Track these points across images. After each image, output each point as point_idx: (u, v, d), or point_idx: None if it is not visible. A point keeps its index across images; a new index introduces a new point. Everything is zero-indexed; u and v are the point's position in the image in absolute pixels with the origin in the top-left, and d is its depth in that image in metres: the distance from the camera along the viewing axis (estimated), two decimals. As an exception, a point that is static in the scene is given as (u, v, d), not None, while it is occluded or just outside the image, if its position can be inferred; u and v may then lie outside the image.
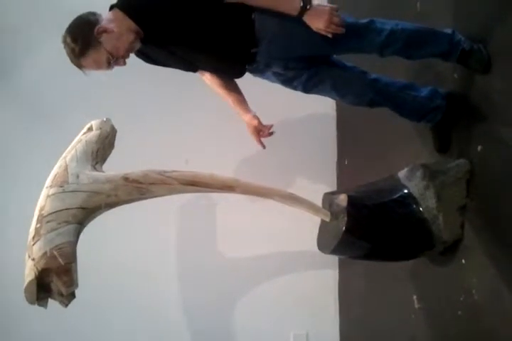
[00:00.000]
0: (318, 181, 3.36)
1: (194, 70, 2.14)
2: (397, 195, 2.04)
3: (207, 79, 2.20)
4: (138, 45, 1.91)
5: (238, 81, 2.21)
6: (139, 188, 1.81)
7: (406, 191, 2.04)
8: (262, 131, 2.19)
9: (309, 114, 3.49)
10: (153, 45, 1.96)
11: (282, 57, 1.97)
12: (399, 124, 2.53)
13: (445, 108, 2.07)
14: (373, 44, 1.91)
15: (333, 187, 3.38)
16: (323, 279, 3.33)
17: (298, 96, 3.34)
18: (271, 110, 3.17)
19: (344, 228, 1.90)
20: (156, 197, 1.89)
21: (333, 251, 1.97)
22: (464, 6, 2.12)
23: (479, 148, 1.93)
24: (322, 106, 3.43)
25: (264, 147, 2.26)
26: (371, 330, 2.85)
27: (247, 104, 2.24)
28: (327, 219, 2.03)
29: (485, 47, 1.91)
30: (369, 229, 1.96)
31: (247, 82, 2.22)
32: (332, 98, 2.20)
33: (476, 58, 1.92)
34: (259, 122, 2.19)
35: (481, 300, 1.84)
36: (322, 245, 2.10)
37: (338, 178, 3.44)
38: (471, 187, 1.95)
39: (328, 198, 2.11)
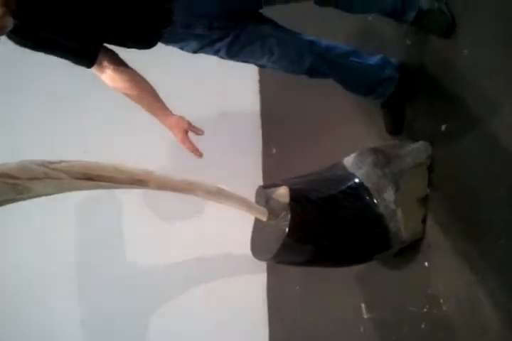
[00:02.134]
0: (240, 174, 2.92)
1: (90, 58, 1.60)
2: (346, 186, 1.71)
3: (107, 79, 1.68)
4: (10, 23, 1.39)
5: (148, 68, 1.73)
6: (13, 185, 1.35)
7: (357, 180, 1.73)
8: (196, 132, 1.72)
9: (229, 97, 3.02)
10: (32, 19, 1.46)
11: (205, 12, 1.56)
12: (337, 103, 2.22)
13: (397, 80, 1.78)
14: None
15: (259, 181, 3.04)
16: (249, 286, 2.92)
17: (217, 76, 3.02)
18: (187, 95, 2.78)
19: (287, 229, 1.56)
20: (40, 196, 1.44)
21: (274, 258, 1.61)
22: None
23: (443, 127, 1.64)
24: (243, 87, 3.05)
25: (201, 155, 1.78)
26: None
27: (165, 105, 1.76)
28: (263, 219, 1.67)
29: (447, 5, 1.61)
30: (316, 228, 1.60)
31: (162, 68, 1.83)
32: (261, 65, 1.78)
33: (436, 19, 1.61)
34: (190, 123, 1.72)
35: (451, 311, 1.54)
36: (258, 251, 1.73)
37: (264, 170, 3.04)
38: (433, 175, 1.66)
39: (264, 193, 1.75)
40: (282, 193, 1.64)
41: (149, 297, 2.84)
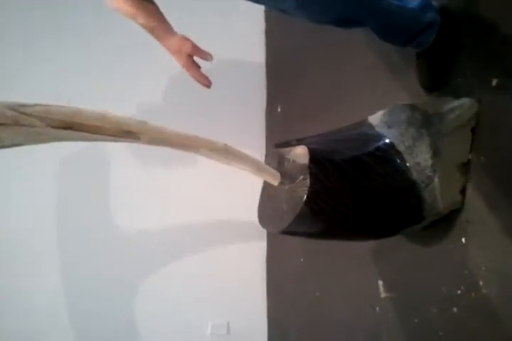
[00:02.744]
0: (241, 134, 2.62)
1: None
2: (373, 147, 1.46)
3: None
4: None
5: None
6: (-26, 132, 1.13)
7: (387, 141, 1.48)
8: (202, 57, 1.49)
9: (231, 47, 2.66)
10: None
11: None
12: (357, 55, 1.96)
13: (439, 26, 1.52)
14: None
15: (262, 143, 2.78)
16: (246, 255, 2.68)
17: (219, 23, 2.72)
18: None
19: (306, 195, 1.33)
20: (6, 147, 1.19)
21: (287, 229, 1.38)
22: None
23: (494, 82, 1.35)
24: (247, 35, 2.74)
25: (209, 85, 1.55)
26: (312, 323, 2.26)
27: (167, 24, 1.52)
28: (275, 183, 1.44)
29: None
30: (339, 195, 1.35)
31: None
32: (282, 10, 1.45)
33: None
34: (194, 45, 1.48)
35: (493, 296, 1.29)
36: (268, 220, 1.49)
37: (267, 131, 2.76)
38: (477, 138, 1.41)
39: (276, 153, 1.51)
40: (300, 153, 1.39)
41: (143, 261, 2.59)
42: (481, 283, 1.35)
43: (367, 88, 1.90)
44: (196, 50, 1.49)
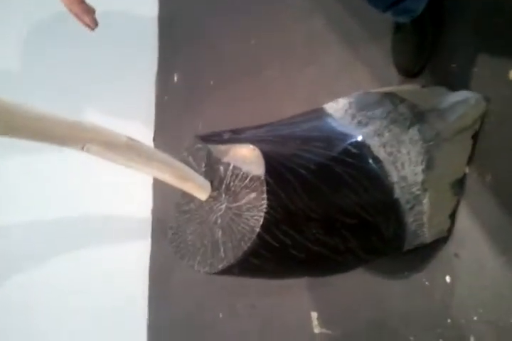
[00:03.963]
0: (122, 113, 2.04)
1: None
2: (341, 149, 1.04)
3: None
4: None
5: None
6: None
7: (359, 140, 1.07)
8: None
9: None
10: None
11: None
12: (296, 16, 1.52)
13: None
14: None
15: (150, 125, 2.20)
16: (124, 261, 2.07)
17: None
18: None
19: (261, 224, 0.88)
20: None
21: (230, 267, 0.93)
22: None
23: None
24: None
25: (93, 27, 1.12)
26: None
27: None
28: (202, 196, 0.97)
29: None
30: (303, 221, 0.94)
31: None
32: None
33: None
34: None
35: None
36: (189, 251, 1.03)
37: (158, 107, 2.14)
38: (480, 147, 1.04)
39: (204, 151, 1.03)
40: (246, 157, 0.92)
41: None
42: (471, 338, 1.02)
43: (307, 62, 1.44)
44: None
